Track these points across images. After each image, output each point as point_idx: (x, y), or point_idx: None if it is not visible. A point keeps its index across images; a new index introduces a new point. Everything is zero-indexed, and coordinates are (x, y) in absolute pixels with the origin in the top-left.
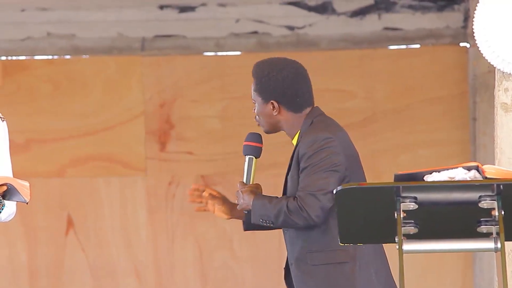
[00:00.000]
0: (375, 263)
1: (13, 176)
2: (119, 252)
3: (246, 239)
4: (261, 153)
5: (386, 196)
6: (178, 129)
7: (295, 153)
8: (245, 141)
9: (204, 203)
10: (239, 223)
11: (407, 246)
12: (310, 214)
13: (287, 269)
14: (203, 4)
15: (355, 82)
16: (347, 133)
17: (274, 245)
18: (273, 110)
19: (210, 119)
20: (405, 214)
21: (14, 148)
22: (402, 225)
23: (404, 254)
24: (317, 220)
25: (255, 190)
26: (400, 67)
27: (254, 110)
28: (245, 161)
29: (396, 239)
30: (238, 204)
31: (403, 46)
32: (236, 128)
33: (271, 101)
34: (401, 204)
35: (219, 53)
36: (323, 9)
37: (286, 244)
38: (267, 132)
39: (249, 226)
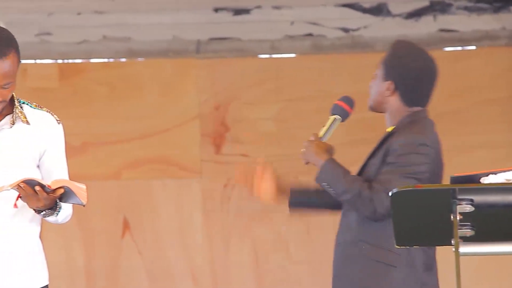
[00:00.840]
0: (423, 278)
1: (69, 179)
2: (175, 254)
3: (302, 242)
4: (347, 117)
5: (442, 199)
6: (233, 131)
7: (386, 144)
8: (338, 100)
9: (249, 185)
10: (295, 226)
11: (464, 248)
12: (378, 209)
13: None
14: (258, 7)
15: None
16: (440, 142)
17: (330, 248)
18: (387, 90)
19: (265, 122)
20: (461, 217)
21: (70, 151)
22: (458, 227)
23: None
24: (380, 217)
25: (330, 151)
26: (456, 69)
27: (371, 81)
28: (329, 118)
29: (452, 242)
30: (303, 155)
31: (459, 48)
32: (291, 131)
33: (390, 80)
34: (458, 206)
35: (274, 56)
36: (378, 10)
37: (340, 223)
38: (371, 108)
39: (294, 207)
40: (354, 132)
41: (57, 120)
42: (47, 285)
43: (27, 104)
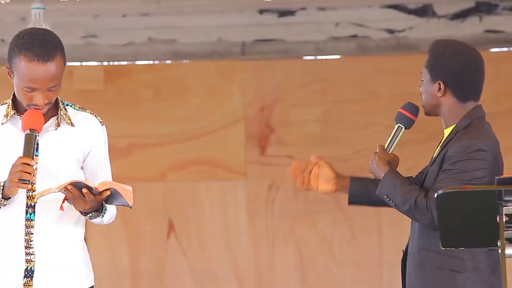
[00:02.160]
0: (490, 280)
1: (115, 180)
2: (220, 256)
3: (346, 243)
4: (411, 125)
5: (488, 200)
6: (278, 133)
7: (443, 149)
8: (401, 108)
9: (306, 178)
10: (339, 227)
11: (510, 250)
12: (435, 217)
13: (405, 255)
14: (303, 8)
15: None
16: (498, 143)
17: (374, 250)
18: (439, 91)
19: (310, 123)
20: (507, 218)
21: (116, 153)
22: (505, 229)
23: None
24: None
25: (392, 162)
26: (502, 69)
27: (420, 87)
28: (394, 128)
29: (498, 243)
30: (371, 168)
31: (505, 49)
32: (336, 132)
33: (439, 81)
34: (504, 208)
35: (319, 57)
36: (424, 12)
37: (411, 232)
38: (427, 113)
39: (353, 200)
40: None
41: (100, 121)
42: (92, 286)
43: (70, 106)
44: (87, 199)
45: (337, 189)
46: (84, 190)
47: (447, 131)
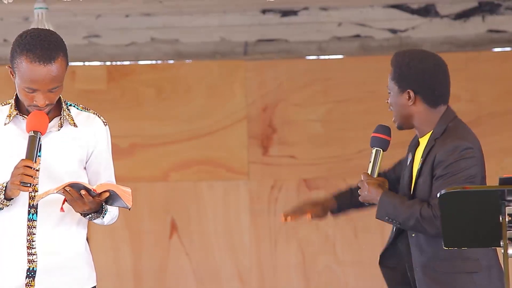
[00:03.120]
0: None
1: (117, 180)
2: (223, 256)
3: (348, 243)
4: (388, 146)
5: (491, 200)
6: (281, 133)
7: (428, 157)
8: (373, 133)
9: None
10: (342, 227)
11: None
12: None
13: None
14: (305, 8)
15: (459, 85)
16: (478, 140)
17: (377, 249)
18: (409, 100)
19: (313, 123)
20: (510, 218)
21: (118, 153)
22: (507, 228)
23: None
24: None
25: (383, 185)
26: (505, 69)
27: (388, 101)
28: (371, 152)
29: (501, 243)
30: (360, 196)
31: (508, 48)
32: (339, 132)
33: (408, 90)
34: (506, 207)
35: (322, 57)
36: (426, 11)
37: (411, 247)
38: (399, 127)
39: (339, 210)
40: (401, 134)
41: (103, 121)
42: (95, 286)
43: (73, 106)
44: (85, 200)
45: (325, 216)
46: (83, 192)
47: (423, 140)
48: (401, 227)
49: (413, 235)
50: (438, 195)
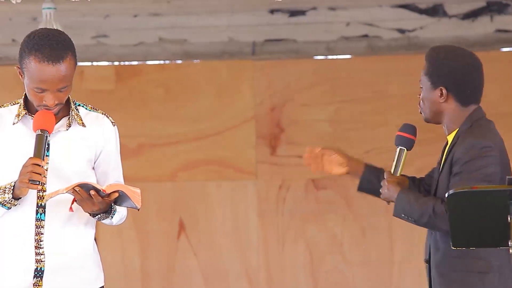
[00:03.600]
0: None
1: (125, 180)
2: (231, 255)
3: (356, 243)
4: (413, 146)
5: (499, 200)
6: (289, 133)
7: (449, 155)
8: (399, 131)
9: (320, 163)
10: (350, 227)
11: None
12: None
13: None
14: (314, 8)
15: None
16: (502, 140)
17: (385, 249)
18: (441, 97)
19: (321, 123)
20: None
21: (126, 153)
22: None
23: None
24: None
25: (402, 183)
26: None
27: (419, 95)
28: (396, 151)
29: (509, 243)
30: (381, 194)
31: None
32: (346, 132)
33: (441, 87)
34: None
35: (330, 57)
36: (434, 11)
37: (430, 246)
38: (427, 120)
39: (363, 187)
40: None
41: (112, 122)
42: (103, 286)
43: (82, 106)
44: (95, 201)
45: (350, 171)
46: (92, 192)
47: (450, 137)
48: (416, 224)
49: (432, 233)
50: (446, 195)
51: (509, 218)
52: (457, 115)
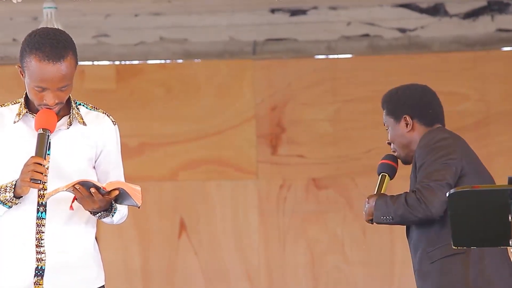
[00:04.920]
0: (490, 253)
1: (126, 180)
2: (231, 255)
3: (357, 242)
4: (395, 174)
5: (500, 199)
6: (290, 132)
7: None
8: (382, 159)
9: None
10: (350, 227)
11: None
12: (428, 205)
13: None
14: (314, 8)
15: (468, 84)
16: (465, 141)
17: (386, 249)
18: (406, 126)
19: (322, 123)
20: None
21: (127, 152)
22: None
23: None
24: (434, 211)
25: (380, 194)
26: None
27: (388, 141)
28: (378, 179)
29: (510, 242)
30: (364, 212)
31: None
32: (347, 132)
33: (404, 116)
34: None
35: (331, 56)
36: (435, 11)
37: (411, 253)
38: (405, 161)
39: None
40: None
41: (113, 121)
42: (103, 286)
43: (83, 105)
44: (95, 198)
45: None
46: (92, 190)
47: None
48: (394, 223)
49: (410, 240)
50: (447, 195)
51: (510, 217)
52: None
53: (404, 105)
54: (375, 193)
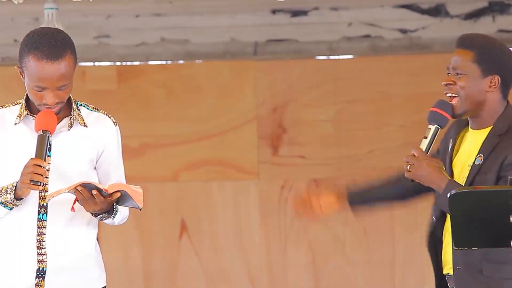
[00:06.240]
0: None
1: (127, 180)
2: (233, 256)
3: (359, 243)
4: (446, 125)
5: (501, 200)
6: (291, 133)
7: (495, 156)
8: (433, 107)
9: (309, 207)
10: (352, 227)
11: None
12: None
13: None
14: (316, 8)
15: None
16: None
17: (387, 249)
18: (490, 86)
19: (323, 123)
20: None
21: (129, 153)
22: None
23: None
24: None
25: (443, 169)
26: None
27: (451, 83)
28: (428, 128)
29: (511, 244)
30: (410, 172)
31: None
32: (349, 132)
33: (494, 75)
34: None
35: (332, 57)
36: (437, 11)
37: (454, 260)
38: (460, 115)
39: (355, 204)
40: (412, 134)
41: (114, 122)
42: (105, 287)
43: (84, 106)
44: (97, 200)
45: (341, 206)
46: (94, 192)
47: (479, 133)
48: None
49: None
50: (448, 195)
51: (511, 219)
52: (497, 109)
53: (501, 64)
54: (424, 147)
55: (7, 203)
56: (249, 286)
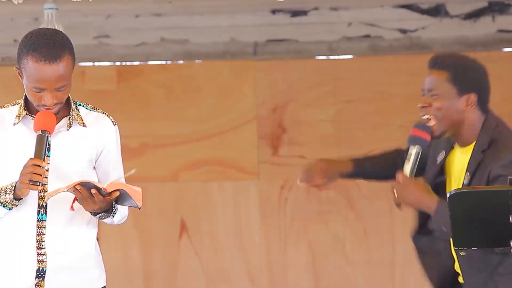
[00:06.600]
0: None
1: (126, 180)
2: (233, 256)
3: (359, 243)
4: (427, 146)
5: (501, 200)
6: (291, 133)
7: (480, 173)
8: (412, 130)
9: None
10: (352, 227)
11: None
12: None
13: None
14: (315, 8)
15: None
16: None
17: (387, 249)
18: (467, 105)
19: (323, 123)
20: None
21: (128, 153)
22: None
23: None
24: None
25: (429, 188)
26: None
27: (424, 105)
28: (410, 152)
29: (511, 244)
30: (397, 197)
31: None
32: (349, 132)
33: (471, 93)
34: None
35: (331, 57)
36: (436, 11)
37: (461, 266)
38: (437, 136)
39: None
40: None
41: (113, 121)
42: (104, 287)
43: (83, 106)
44: (96, 199)
45: (331, 178)
46: (93, 191)
47: (465, 151)
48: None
49: (462, 254)
50: (447, 195)
51: (510, 219)
52: (477, 126)
53: (475, 81)
54: (408, 171)
55: (7, 203)
56: (249, 286)
